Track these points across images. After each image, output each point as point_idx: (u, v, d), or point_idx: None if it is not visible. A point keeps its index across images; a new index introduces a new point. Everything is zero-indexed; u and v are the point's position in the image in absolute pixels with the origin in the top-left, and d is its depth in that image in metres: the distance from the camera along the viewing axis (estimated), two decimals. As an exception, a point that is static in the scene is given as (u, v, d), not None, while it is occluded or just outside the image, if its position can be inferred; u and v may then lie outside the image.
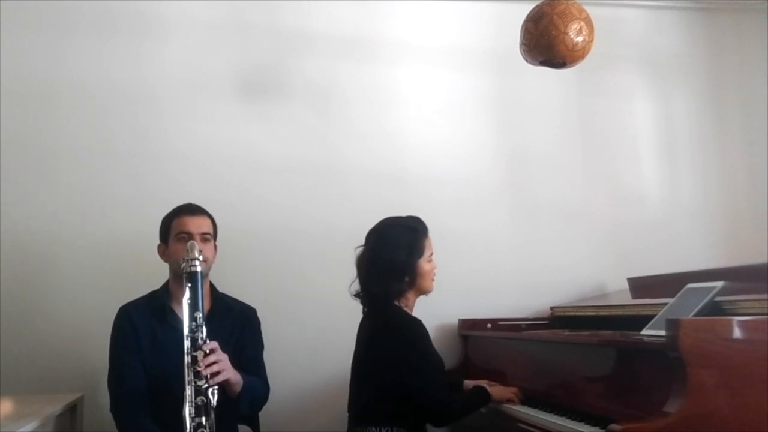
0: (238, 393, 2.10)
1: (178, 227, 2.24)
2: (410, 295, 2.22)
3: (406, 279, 2.18)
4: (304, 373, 2.81)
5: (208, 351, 1.96)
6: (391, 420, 2.08)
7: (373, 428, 2.08)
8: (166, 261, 2.30)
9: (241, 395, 2.11)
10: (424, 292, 2.25)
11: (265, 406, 2.33)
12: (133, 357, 2.17)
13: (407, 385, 2.06)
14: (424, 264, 2.20)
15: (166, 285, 2.31)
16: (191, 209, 2.29)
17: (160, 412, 2.11)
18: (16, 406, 2.14)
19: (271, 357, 2.40)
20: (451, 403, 2.17)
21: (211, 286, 2.33)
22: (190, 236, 2.20)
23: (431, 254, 2.24)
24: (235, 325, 2.29)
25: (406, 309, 2.22)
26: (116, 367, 2.20)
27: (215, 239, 2.31)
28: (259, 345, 2.36)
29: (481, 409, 2.24)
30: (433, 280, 2.25)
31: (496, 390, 2.26)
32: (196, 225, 2.24)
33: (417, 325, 2.17)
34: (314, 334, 2.83)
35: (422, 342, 2.14)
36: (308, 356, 2.82)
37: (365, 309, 2.27)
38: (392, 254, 2.16)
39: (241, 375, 2.11)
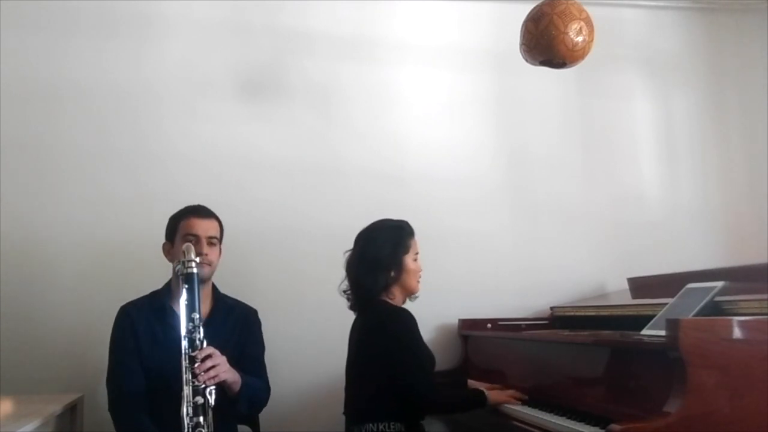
0: (236, 392, 2.10)
1: (186, 228, 2.23)
2: (396, 290, 2.24)
3: (392, 273, 2.21)
4: (304, 372, 2.81)
5: (203, 357, 1.94)
6: (388, 416, 2.08)
7: (371, 425, 2.09)
8: (170, 260, 2.28)
9: (240, 394, 2.11)
10: (410, 291, 2.27)
11: (266, 406, 2.32)
12: (131, 357, 2.17)
13: (393, 375, 2.06)
14: (409, 261, 2.24)
15: (168, 284, 2.30)
16: (201, 212, 2.27)
17: (159, 412, 2.11)
18: (16, 406, 2.13)
19: (271, 357, 2.40)
20: (434, 395, 2.15)
21: (213, 287, 2.32)
22: (197, 239, 2.20)
23: (417, 254, 2.27)
24: (236, 325, 2.29)
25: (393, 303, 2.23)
26: (115, 366, 2.20)
27: (221, 243, 2.31)
28: (259, 346, 2.35)
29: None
30: (418, 281, 2.28)
31: (494, 394, 2.25)
32: (204, 228, 2.23)
33: (404, 314, 2.17)
34: (315, 334, 2.83)
35: (408, 333, 2.15)
36: (309, 356, 2.82)
37: (354, 308, 2.29)
38: (378, 249, 2.21)
39: (240, 374, 2.11)
